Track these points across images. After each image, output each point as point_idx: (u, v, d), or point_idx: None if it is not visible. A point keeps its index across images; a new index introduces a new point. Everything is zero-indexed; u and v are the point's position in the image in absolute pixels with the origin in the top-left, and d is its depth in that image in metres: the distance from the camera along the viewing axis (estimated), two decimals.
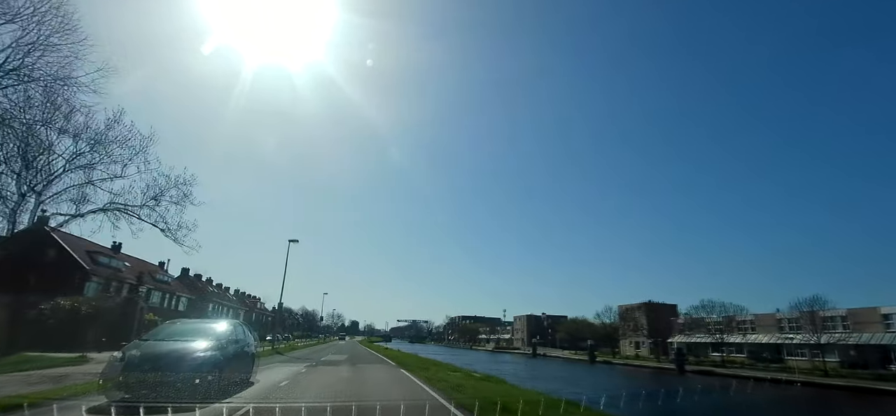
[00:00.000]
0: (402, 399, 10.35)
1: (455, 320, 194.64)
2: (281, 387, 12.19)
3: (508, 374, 32.64)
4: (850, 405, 29.90)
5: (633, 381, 41.69)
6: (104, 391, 8.31)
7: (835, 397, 32.15)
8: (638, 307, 74.21)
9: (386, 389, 13.06)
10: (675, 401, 22.71)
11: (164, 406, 7.06)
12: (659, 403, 21.83)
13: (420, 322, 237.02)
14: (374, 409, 8.28)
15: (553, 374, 45.49)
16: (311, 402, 9.46)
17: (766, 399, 30.41)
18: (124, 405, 7.65)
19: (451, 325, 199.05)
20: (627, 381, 41.68)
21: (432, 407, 9.35)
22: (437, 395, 11.45)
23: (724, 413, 24.15)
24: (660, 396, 23.59)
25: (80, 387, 10.15)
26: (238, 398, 9.46)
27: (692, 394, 27.01)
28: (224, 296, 77.43)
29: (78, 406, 7.79)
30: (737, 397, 29.09)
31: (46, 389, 9.98)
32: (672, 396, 23.36)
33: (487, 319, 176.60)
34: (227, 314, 72.42)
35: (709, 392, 29.69)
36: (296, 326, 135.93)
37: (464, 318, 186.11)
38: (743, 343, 53.98)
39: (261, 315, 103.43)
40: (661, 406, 21.47)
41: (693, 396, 26.06)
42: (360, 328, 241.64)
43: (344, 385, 13.17)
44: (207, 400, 8.39)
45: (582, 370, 54.31)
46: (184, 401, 7.78)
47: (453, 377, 16.73)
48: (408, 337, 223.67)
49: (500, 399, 9.17)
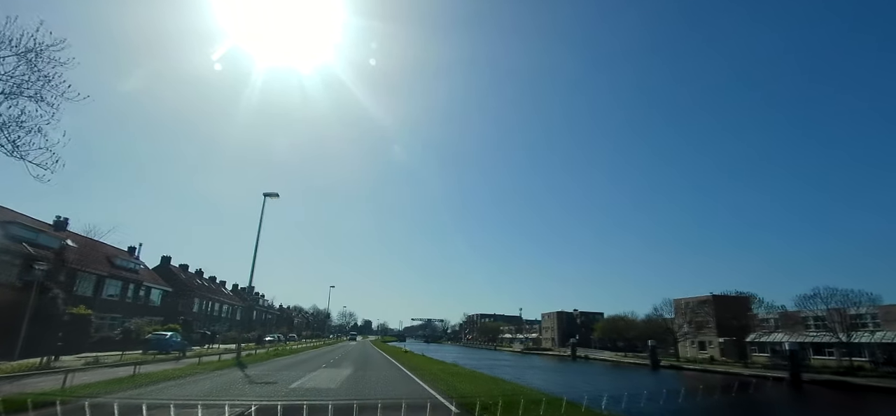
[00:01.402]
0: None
1: (473, 319, 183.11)
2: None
3: (579, 389, 21.72)
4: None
5: (758, 400, 30.03)
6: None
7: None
8: (702, 301, 62.14)
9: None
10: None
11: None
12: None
13: (435, 321, 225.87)
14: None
15: (629, 387, 34.10)
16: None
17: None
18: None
19: (468, 324, 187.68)
20: (763, 402, 30.03)
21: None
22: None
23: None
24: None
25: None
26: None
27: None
28: (216, 291, 67.72)
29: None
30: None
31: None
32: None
33: (508, 317, 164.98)
34: (215, 311, 62.74)
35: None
36: (305, 325, 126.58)
37: (482, 316, 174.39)
38: (860, 343, 41.65)
39: (262, 313, 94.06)
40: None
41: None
42: (374, 328, 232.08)
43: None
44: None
45: (651, 378, 42.83)
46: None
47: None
48: (422, 337, 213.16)
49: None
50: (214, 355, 27.32)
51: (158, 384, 13.35)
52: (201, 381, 14.71)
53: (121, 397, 10.42)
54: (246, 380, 15.56)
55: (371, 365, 24.54)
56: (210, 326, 61.01)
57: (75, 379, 12.77)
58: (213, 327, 62.30)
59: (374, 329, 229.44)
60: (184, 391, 12.36)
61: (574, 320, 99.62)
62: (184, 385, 13.45)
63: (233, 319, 70.76)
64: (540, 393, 13.77)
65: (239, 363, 22.49)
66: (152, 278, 45.62)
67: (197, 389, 12.80)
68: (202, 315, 57.79)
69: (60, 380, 12.15)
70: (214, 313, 62.90)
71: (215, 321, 63.39)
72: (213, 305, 61.74)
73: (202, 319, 57.07)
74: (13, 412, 8.25)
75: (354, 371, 20.44)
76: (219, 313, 65.17)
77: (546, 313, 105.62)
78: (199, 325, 54.77)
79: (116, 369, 17.18)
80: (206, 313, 60.08)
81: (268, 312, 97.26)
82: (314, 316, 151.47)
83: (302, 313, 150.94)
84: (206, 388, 13.08)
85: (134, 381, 13.31)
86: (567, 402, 10.69)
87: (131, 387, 12.22)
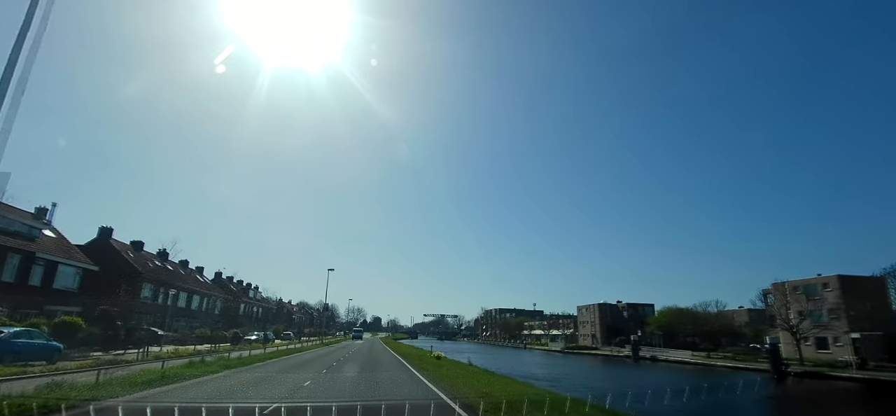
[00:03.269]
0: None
1: (491, 314, 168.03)
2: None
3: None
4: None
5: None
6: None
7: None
8: (821, 283, 46.77)
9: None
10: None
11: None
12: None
13: (448, 317, 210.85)
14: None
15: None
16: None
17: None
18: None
19: (486, 319, 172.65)
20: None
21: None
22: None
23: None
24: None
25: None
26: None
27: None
28: (186, 279, 53.97)
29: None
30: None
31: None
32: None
33: (528, 311, 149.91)
34: (185, 302, 48.58)
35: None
36: (308, 322, 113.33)
37: (501, 311, 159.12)
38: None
39: (252, 307, 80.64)
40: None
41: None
42: (383, 325, 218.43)
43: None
44: None
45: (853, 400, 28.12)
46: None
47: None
48: (436, 334, 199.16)
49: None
50: (128, 363, 14.26)
51: None
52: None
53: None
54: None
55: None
56: (176, 320, 47.42)
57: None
58: (181, 321, 48.78)
59: (383, 326, 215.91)
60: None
61: (619, 312, 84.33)
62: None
63: (209, 312, 57.12)
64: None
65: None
66: (65, 251, 31.68)
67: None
68: (161, 307, 44.03)
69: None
70: (180, 305, 49.14)
71: (184, 316, 49.74)
72: (176, 295, 47.86)
73: (160, 311, 43.36)
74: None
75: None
76: (188, 305, 51.49)
77: (583, 305, 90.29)
78: (156, 319, 41.14)
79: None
80: (174, 306, 46.40)
81: (260, 305, 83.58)
82: (320, 313, 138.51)
83: (305, 310, 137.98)
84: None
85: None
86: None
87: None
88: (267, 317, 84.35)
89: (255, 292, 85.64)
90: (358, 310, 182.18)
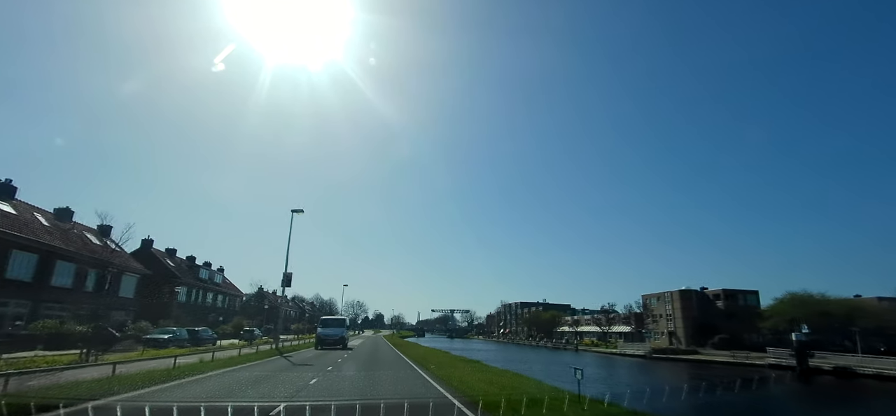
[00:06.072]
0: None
1: (512, 308, 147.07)
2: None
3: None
4: None
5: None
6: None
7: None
8: None
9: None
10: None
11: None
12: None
13: (456, 312, 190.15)
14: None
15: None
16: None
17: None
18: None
19: (504, 314, 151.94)
20: None
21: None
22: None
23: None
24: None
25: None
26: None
27: None
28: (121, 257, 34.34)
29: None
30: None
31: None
32: None
33: (556, 305, 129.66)
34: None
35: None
36: (298, 317, 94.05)
37: (524, 304, 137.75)
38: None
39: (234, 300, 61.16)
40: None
41: None
42: (386, 322, 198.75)
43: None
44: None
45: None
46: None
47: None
48: (444, 332, 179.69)
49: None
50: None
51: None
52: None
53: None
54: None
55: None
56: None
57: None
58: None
59: (386, 323, 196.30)
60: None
61: (710, 302, 64.40)
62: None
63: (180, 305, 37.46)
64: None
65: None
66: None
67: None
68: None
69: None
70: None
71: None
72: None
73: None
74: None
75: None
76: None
77: (654, 294, 70.35)
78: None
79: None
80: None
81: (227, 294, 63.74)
82: (318, 308, 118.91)
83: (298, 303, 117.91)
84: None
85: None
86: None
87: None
88: (228, 306, 63.70)
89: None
90: (359, 304, 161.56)
